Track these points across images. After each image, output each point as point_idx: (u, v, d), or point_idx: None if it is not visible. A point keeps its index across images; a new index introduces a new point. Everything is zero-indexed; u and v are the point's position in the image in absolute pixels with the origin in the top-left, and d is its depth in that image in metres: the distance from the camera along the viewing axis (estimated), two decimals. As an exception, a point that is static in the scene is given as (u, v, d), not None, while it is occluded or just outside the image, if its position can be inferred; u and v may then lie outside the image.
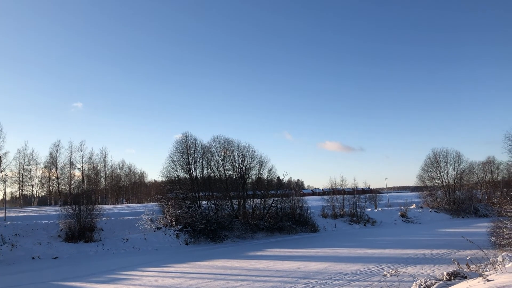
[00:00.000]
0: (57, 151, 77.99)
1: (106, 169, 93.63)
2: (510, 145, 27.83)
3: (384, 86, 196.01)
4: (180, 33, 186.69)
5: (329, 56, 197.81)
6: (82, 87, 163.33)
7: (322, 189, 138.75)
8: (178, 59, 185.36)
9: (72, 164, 78.42)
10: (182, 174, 40.88)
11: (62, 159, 78.83)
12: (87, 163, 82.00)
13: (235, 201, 42.05)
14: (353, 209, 49.04)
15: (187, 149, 40.64)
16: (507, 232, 19.44)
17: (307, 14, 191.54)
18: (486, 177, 66.78)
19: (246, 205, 42.03)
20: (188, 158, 40.50)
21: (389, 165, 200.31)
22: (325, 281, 16.35)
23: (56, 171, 77.76)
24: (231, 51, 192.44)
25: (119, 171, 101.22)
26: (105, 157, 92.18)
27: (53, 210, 44.36)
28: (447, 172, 62.05)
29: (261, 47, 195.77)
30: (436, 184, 62.36)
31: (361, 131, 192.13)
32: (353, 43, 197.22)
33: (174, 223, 35.86)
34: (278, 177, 52.20)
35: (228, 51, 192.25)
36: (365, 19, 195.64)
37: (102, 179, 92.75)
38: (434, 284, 8.75)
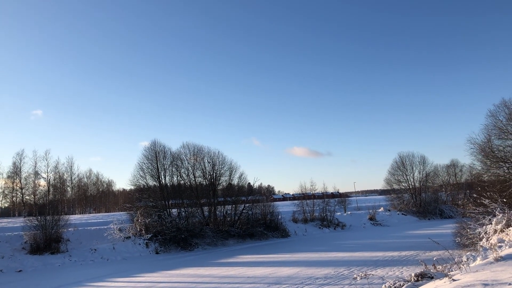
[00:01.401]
0: (20, 161, 75.34)
1: (73, 178, 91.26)
2: (472, 148, 28.72)
3: (350, 91, 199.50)
4: (146, 38, 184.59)
5: (295, 61, 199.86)
6: (41, 93, 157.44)
7: (292, 194, 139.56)
8: (143, 65, 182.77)
9: (37, 174, 75.91)
10: (151, 182, 40.41)
11: (26, 168, 76.27)
12: (52, 173, 79.58)
13: (205, 208, 41.80)
14: (323, 214, 49.52)
15: (156, 156, 40.17)
16: (471, 233, 20.05)
17: (277, 16, 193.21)
18: (450, 180, 68.77)
19: (217, 212, 41.85)
20: (157, 165, 40.03)
21: (357, 169, 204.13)
22: (296, 286, 16.44)
23: (20, 181, 75.12)
24: (196, 57, 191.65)
25: (86, 180, 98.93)
26: (71, 166, 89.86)
27: (17, 222, 42.83)
28: (413, 175, 63.62)
29: (228, 55, 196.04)
30: (403, 187, 63.78)
31: (328, 136, 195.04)
32: (319, 47, 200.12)
33: (143, 232, 35.30)
34: (249, 183, 52.24)
35: (193, 58, 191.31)
36: (335, 22, 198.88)
37: (68, 188, 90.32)
38: (403, 286, 8.93)
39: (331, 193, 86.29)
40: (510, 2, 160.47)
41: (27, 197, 74.90)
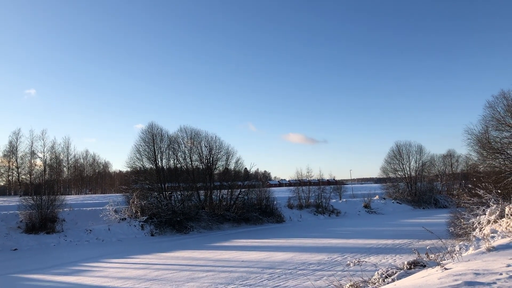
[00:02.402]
0: (17, 140, 75.26)
1: (69, 158, 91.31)
2: (469, 139, 28.80)
3: (346, 78, 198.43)
4: (143, 19, 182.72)
5: (291, 48, 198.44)
6: (34, 72, 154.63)
7: (288, 181, 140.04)
8: (141, 46, 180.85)
9: (33, 153, 75.99)
10: (148, 165, 40.41)
11: (23, 148, 76.19)
12: (49, 152, 79.60)
13: (202, 192, 41.93)
14: (319, 200, 49.77)
15: (153, 139, 40.09)
16: (464, 223, 20.18)
17: (273, 4, 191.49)
18: (446, 170, 69.03)
19: (213, 196, 42.00)
20: (154, 148, 39.98)
21: (354, 157, 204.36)
22: (290, 270, 16.57)
23: (16, 160, 75.12)
24: (194, 41, 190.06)
25: (82, 160, 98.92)
26: (68, 147, 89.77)
27: (13, 201, 42.92)
28: (409, 164, 63.83)
29: (224, 37, 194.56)
30: (399, 176, 64.03)
31: (324, 124, 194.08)
32: (317, 35, 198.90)
33: (139, 214, 35.43)
34: (245, 168, 52.39)
35: (191, 41, 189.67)
36: (333, 3, 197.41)
37: (64, 169, 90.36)
38: (395, 273, 9.01)
39: (327, 180, 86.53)
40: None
41: (23, 176, 74.95)
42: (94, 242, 30.36)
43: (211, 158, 43.76)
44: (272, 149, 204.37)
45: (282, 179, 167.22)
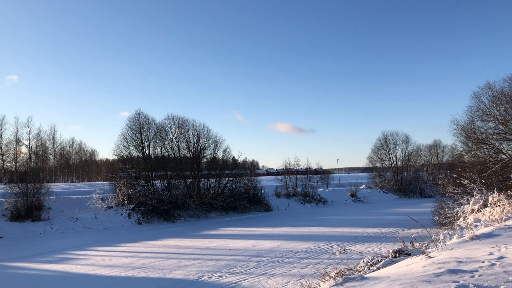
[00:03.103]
0: (1, 127, 74.11)
1: (55, 146, 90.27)
2: (455, 129, 29.09)
3: (332, 68, 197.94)
4: (127, 2, 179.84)
5: (278, 38, 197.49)
6: (15, 58, 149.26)
7: (276, 170, 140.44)
8: (126, 34, 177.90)
9: (18, 141, 74.87)
10: (135, 153, 40.17)
11: (7, 135, 75.12)
12: (34, 140, 78.51)
13: (189, 181, 41.88)
14: (306, 189, 50.09)
15: (140, 127, 39.80)
16: (449, 212, 20.50)
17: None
18: (432, 160, 69.81)
19: (201, 185, 41.99)
20: (141, 136, 39.71)
21: (341, 146, 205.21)
22: (276, 258, 16.70)
23: (1, 147, 74.06)
24: (182, 29, 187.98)
25: (68, 148, 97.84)
26: (54, 134, 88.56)
27: (-3, 188, 42.46)
28: (396, 154, 64.38)
29: (212, 27, 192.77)
30: (385, 166, 64.60)
31: (311, 113, 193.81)
32: (304, 27, 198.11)
33: (126, 202, 35.30)
34: (233, 157, 52.43)
35: (179, 29, 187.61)
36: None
37: (50, 156, 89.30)
38: (381, 261, 9.12)
39: (315, 169, 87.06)
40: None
41: (8, 164, 73.93)
42: (81, 230, 30.22)
43: (199, 147, 43.67)
44: (260, 139, 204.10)
45: (270, 168, 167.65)
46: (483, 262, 6.58)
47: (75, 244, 23.40)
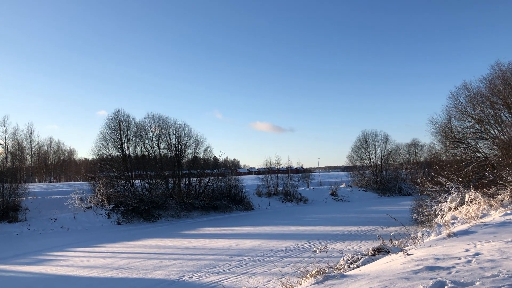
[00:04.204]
0: (-24, 126, 72.37)
1: (33, 146, 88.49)
2: (432, 128, 29.62)
3: (311, 67, 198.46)
4: (109, 5, 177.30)
5: (257, 36, 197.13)
6: None
7: (257, 169, 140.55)
8: (102, 30, 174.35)
9: (-7, 140, 73.20)
10: (114, 152, 39.73)
11: (-18, 134, 73.29)
12: (11, 139, 76.88)
13: (170, 180, 41.60)
14: (287, 188, 50.31)
15: (119, 126, 39.35)
16: (427, 210, 20.86)
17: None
18: (411, 158, 70.97)
19: (182, 184, 41.75)
20: (120, 135, 39.28)
21: (321, 145, 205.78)
22: (258, 257, 16.72)
23: (-24, 147, 72.33)
24: (160, 29, 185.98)
25: (46, 148, 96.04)
26: (31, 133, 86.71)
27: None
28: (375, 153, 65.20)
29: (191, 26, 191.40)
30: (365, 164, 65.36)
31: (291, 112, 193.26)
32: (285, 26, 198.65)
33: (105, 202, 34.88)
34: (215, 156, 52.27)
35: (157, 29, 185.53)
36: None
37: (28, 156, 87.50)
38: (360, 259, 9.21)
39: (296, 168, 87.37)
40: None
41: (-17, 164, 72.23)
42: (59, 231, 29.73)
43: (179, 146, 43.43)
44: (240, 138, 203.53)
45: (251, 167, 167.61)
46: (459, 258, 6.71)
47: (53, 245, 23.00)
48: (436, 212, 19.09)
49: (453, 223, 13.80)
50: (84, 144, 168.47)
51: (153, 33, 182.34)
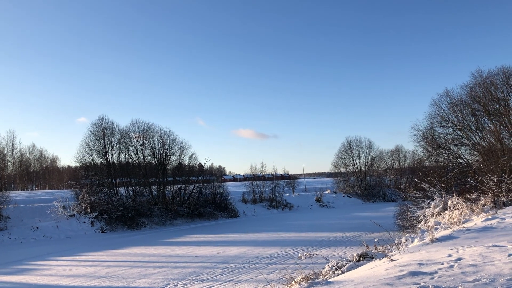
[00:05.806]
0: (-45, 133, 70.95)
1: (14, 153, 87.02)
2: (415, 135, 30.04)
3: (294, 72, 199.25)
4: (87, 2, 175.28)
5: (240, 40, 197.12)
6: None
7: (243, 175, 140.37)
8: (87, 36, 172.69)
9: (-27, 148, 71.83)
10: (98, 160, 39.37)
11: (-38, 142, 71.86)
12: (-9, 147, 75.49)
13: (154, 188, 41.29)
14: (272, 195, 50.36)
15: (103, 133, 39.02)
16: (411, 215, 21.06)
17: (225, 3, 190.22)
18: (394, 164, 71.74)
19: (166, 192, 41.46)
20: (104, 142, 38.94)
21: (306, 152, 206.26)
22: (243, 265, 16.68)
23: (-45, 155, 70.87)
24: (141, 33, 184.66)
25: (28, 155, 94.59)
26: (13, 140, 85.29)
27: (-49, 198, 40.51)
28: (360, 159, 65.82)
29: (173, 32, 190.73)
30: (349, 171, 65.90)
31: (274, 120, 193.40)
32: (267, 32, 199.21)
33: (89, 210, 34.44)
34: (200, 163, 52.13)
35: (138, 33, 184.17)
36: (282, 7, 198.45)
37: (9, 163, 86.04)
38: (345, 265, 9.26)
39: (281, 174, 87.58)
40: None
41: (-38, 172, 70.82)
42: (41, 239, 29.23)
43: (164, 153, 43.18)
44: (224, 144, 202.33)
45: (236, 174, 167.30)
46: (442, 264, 6.80)
47: (35, 254, 22.61)
48: (420, 218, 19.28)
49: (436, 229, 13.96)
50: (67, 151, 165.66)
51: (134, 39, 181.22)
